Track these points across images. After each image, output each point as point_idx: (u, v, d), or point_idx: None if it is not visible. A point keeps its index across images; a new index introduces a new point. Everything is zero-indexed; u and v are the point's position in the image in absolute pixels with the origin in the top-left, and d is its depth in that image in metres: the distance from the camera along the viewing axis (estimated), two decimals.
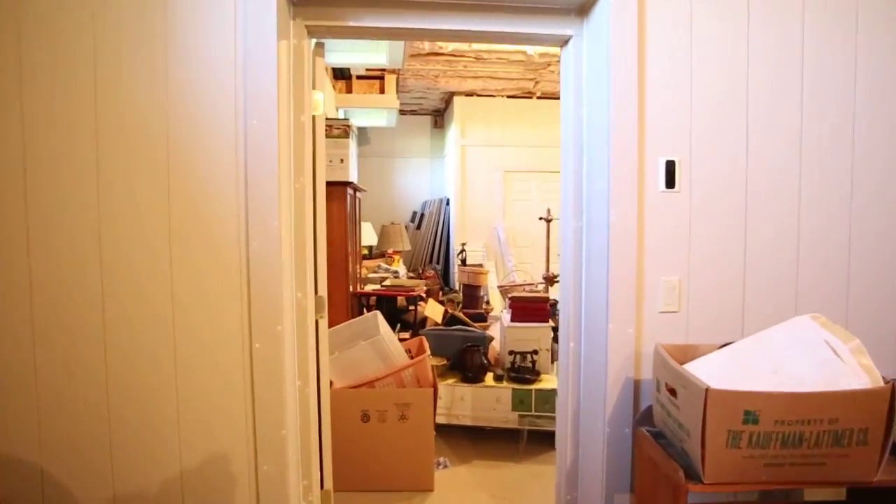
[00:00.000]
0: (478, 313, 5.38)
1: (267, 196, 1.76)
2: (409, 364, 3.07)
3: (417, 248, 8.63)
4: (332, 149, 3.34)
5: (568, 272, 2.19)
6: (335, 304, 3.48)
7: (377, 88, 6.90)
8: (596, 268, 2.03)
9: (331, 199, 3.38)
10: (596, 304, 2.03)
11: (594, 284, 2.04)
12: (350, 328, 3.06)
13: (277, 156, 1.77)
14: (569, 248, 2.18)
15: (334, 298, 3.48)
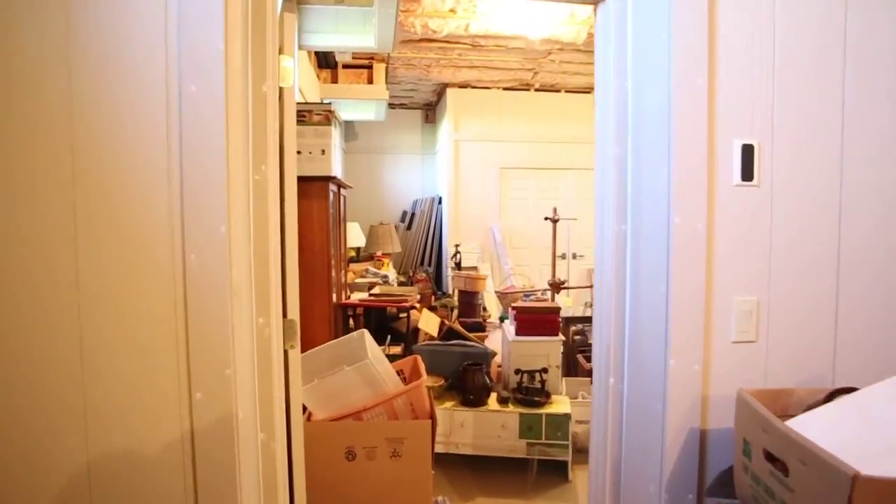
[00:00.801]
0: (476, 322, 4.92)
1: (210, 191, 1.28)
2: (402, 391, 2.60)
3: (408, 249, 8.16)
4: (311, 138, 2.86)
5: (605, 289, 1.73)
6: (316, 318, 3.01)
7: (365, 79, 6.41)
8: (649, 284, 1.56)
9: (309, 196, 2.90)
10: (649, 332, 1.57)
11: (646, 306, 1.57)
12: (332, 350, 2.58)
13: (225, 135, 1.28)
14: (607, 259, 1.71)
15: (314, 311, 3.00)
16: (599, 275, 1.78)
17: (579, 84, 7.34)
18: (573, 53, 5.98)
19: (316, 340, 3.01)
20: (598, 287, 1.79)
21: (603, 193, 1.74)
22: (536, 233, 7.68)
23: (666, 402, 1.49)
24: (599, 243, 1.77)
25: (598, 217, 1.77)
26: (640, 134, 1.61)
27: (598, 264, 1.78)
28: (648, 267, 1.57)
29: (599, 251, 1.77)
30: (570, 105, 7.64)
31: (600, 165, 1.76)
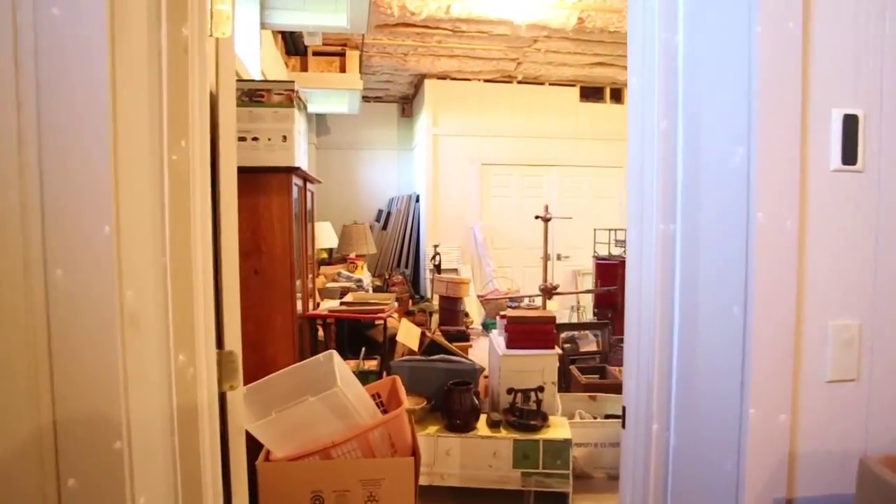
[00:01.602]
0: (459, 331, 4.51)
1: (87, 174, 0.84)
2: (378, 423, 2.17)
3: (384, 250, 7.71)
4: (270, 122, 2.42)
5: (645, 308, 1.33)
6: (277, 334, 2.56)
7: (337, 67, 5.96)
8: (712, 304, 1.17)
9: (268, 190, 2.46)
10: (712, 368, 1.17)
11: (708, 333, 1.18)
12: (294, 376, 2.14)
13: (110, 88, 0.84)
14: (647, 270, 1.31)
15: (275, 326, 2.56)
16: (635, 290, 1.37)
17: (564, 76, 6.98)
18: (560, 42, 5.60)
19: (277, 361, 2.56)
20: (633, 305, 1.39)
21: (640, 183, 1.34)
22: (520, 233, 7.31)
23: (742, 463, 1.10)
24: (635, 249, 1.37)
25: (634, 214, 1.37)
26: (697, 102, 1.21)
27: (634, 276, 1.38)
28: (711, 280, 1.17)
29: (635, 259, 1.37)
30: (555, 98, 7.27)
31: (636, 146, 1.35)
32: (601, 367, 4.24)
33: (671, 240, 1.27)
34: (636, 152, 1.36)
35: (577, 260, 7.35)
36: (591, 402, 3.65)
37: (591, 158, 7.42)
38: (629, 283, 1.42)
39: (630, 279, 1.41)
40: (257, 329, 2.54)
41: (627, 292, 1.43)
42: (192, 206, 1.08)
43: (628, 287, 1.42)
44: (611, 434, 3.23)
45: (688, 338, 1.24)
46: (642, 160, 1.33)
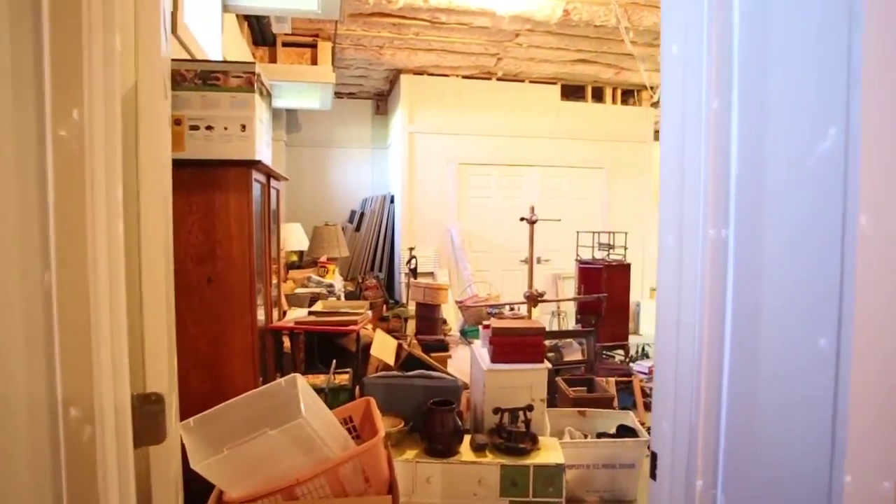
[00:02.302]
0: (437, 340, 4.22)
1: None
2: (349, 456, 1.88)
3: (357, 253, 7.39)
4: (227, 109, 2.11)
5: (685, 329, 1.07)
6: (234, 352, 2.25)
7: (308, 59, 5.63)
8: (784, 333, 0.90)
9: (224, 186, 2.14)
10: (784, 418, 0.91)
11: (779, 370, 0.91)
12: (251, 404, 1.83)
13: None
14: (693, 282, 1.05)
15: (231, 342, 2.25)
16: (670, 310, 1.11)
17: (545, 73, 6.75)
18: (543, 36, 5.36)
19: (234, 381, 2.25)
20: (668, 329, 1.12)
21: (680, 177, 1.07)
22: (499, 235, 7.06)
23: None
24: (671, 259, 1.10)
25: (671, 216, 1.10)
26: (761, 72, 0.94)
27: (669, 293, 1.11)
28: (783, 302, 0.91)
29: (671, 272, 1.10)
30: (535, 96, 7.04)
31: (674, 132, 1.09)
32: (588, 378, 4.00)
33: (723, 247, 1.01)
34: (674, 140, 1.09)
35: (557, 263, 7.13)
36: (581, 418, 3.40)
37: (572, 159, 7.21)
38: (661, 300, 1.15)
39: (663, 296, 1.14)
40: (211, 346, 2.22)
41: (659, 312, 1.16)
42: (88, 202, 0.77)
43: (660, 305, 1.16)
44: (604, 455, 2.98)
45: (745, 375, 0.98)
46: (683, 149, 1.07)
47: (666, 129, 1.12)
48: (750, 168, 0.98)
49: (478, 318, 5.19)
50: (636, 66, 6.16)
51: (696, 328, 1.05)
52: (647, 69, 6.35)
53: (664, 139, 1.13)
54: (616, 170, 7.37)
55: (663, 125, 1.14)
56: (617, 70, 6.52)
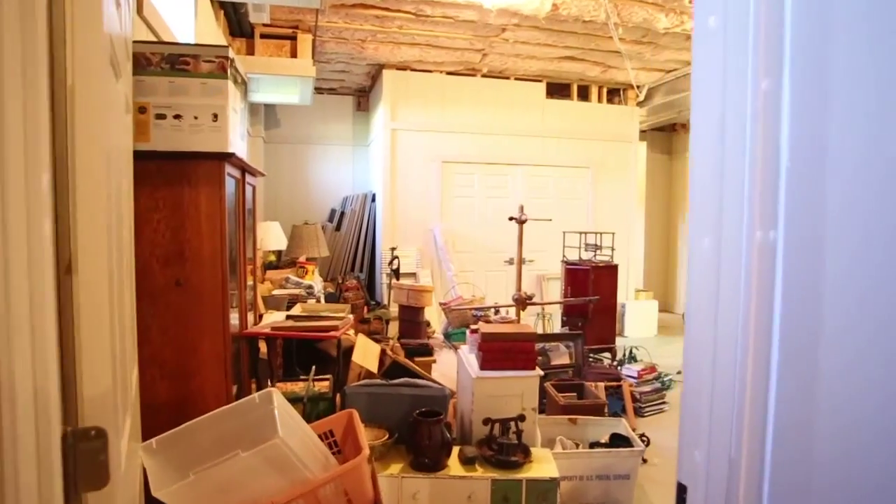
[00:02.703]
0: (421, 345, 4.06)
1: None
2: (331, 477, 1.72)
3: (337, 253, 7.19)
4: (197, 96, 1.93)
5: (723, 344, 0.93)
6: (204, 361, 2.07)
7: (288, 51, 5.43)
8: (850, 353, 0.77)
9: (194, 181, 1.97)
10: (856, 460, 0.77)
11: (849, 401, 0.77)
12: (222, 422, 1.65)
13: None
14: (734, 291, 0.90)
15: (201, 350, 2.07)
16: (704, 321, 0.97)
17: (531, 71, 6.63)
18: (531, 31, 5.23)
19: (205, 394, 2.07)
20: (700, 343, 0.98)
21: (719, 170, 0.93)
22: (483, 235, 6.92)
23: None
24: (707, 264, 0.96)
25: (706, 215, 0.96)
26: (819, 45, 0.80)
27: (702, 302, 0.97)
28: (846, 318, 0.77)
29: (706, 278, 0.96)
30: (520, 94, 6.91)
31: (711, 119, 0.94)
32: (578, 384, 3.87)
33: (770, 253, 0.87)
34: (712, 127, 0.95)
35: (541, 264, 7.01)
36: (572, 425, 3.27)
37: (558, 158, 7.09)
38: (693, 312, 1.01)
39: (696, 307, 1.00)
40: (179, 355, 2.03)
41: (690, 325, 1.02)
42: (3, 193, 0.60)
43: (691, 318, 1.01)
44: (597, 466, 2.84)
45: (799, 401, 0.84)
46: (723, 138, 0.92)
47: (700, 116, 0.98)
48: (804, 160, 0.84)
49: (462, 320, 5.04)
50: (623, 63, 6.07)
51: (738, 345, 0.90)
52: (634, 67, 6.27)
53: (697, 127, 0.99)
54: (602, 169, 7.28)
55: (696, 111, 0.99)
56: (604, 68, 6.42)
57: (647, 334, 7.20)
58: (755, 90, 0.87)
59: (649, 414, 4.30)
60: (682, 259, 8.90)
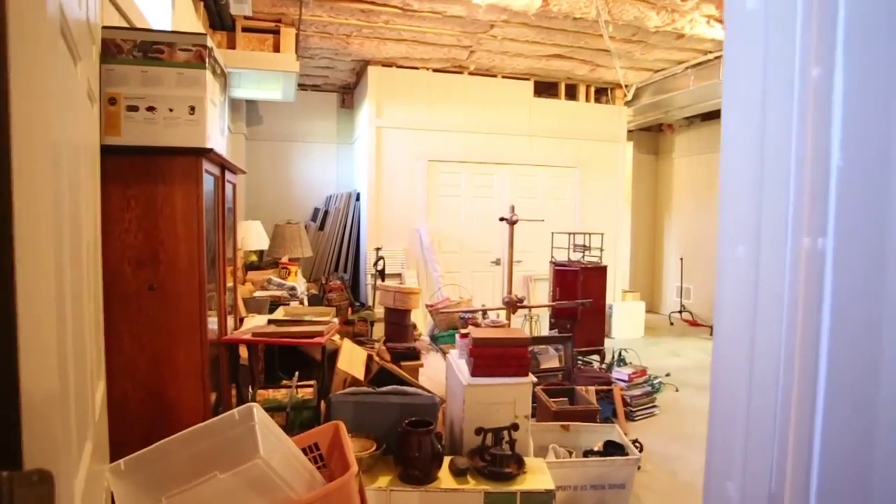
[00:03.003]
0: (408, 349, 3.94)
1: None
2: (316, 497, 1.59)
3: (320, 253, 7.05)
4: (172, 87, 1.80)
5: (761, 366, 0.83)
6: (180, 369, 1.95)
7: (270, 46, 5.28)
8: None
9: (169, 178, 1.84)
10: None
11: None
12: (198, 441, 1.53)
13: None
14: (777, 304, 0.81)
15: (177, 358, 1.94)
16: (736, 334, 0.87)
17: (518, 69, 6.54)
18: (520, 28, 5.14)
19: (180, 406, 1.93)
20: (732, 359, 0.88)
21: (758, 170, 0.83)
22: (469, 235, 6.82)
23: None
24: (741, 274, 0.86)
25: (740, 221, 0.86)
26: (884, 31, 0.71)
27: (734, 315, 0.87)
28: None
29: (738, 290, 0.86)
30: (507, 92, 6.82)
31: (749, 111, 0.84)
32: (569, 388, 3.78)
33: (819, 263, 0.77)
34: (749, 123, 0.85)
35: (528, 265, 6.92)
36: (564, 432, 3.18)
37: (545, 157, 7.02)
38: (723, 325, 0.91)
39: (727, 320, 0.90)
40: (153, 364, 1.90)
41: (719, 340, 0.92)
42: None
43: (721, 333, 0.92)
44: (592, 475, 2.75)
45: (851, 431, 0.74)
46: (762, 135, 0.82)
47: (734, 108, 0.88)
48: (860, 159, 0.74)
49: (450, 323, 4.93)
50: (612, 62, 6.01)
51: (781, 365, 0.80)
52: (622, 66, 6.21)
53: (729, 119, 0.89)
54: (589, 169, 7.21)
55: (728, 102, 0.89)
56: (592, 67, 6.35)
57: (634, 335, 7.15)
58: (804, 80, 0.77)
59: (640, 418, 4.23)
60: (667, 259, 8.88)
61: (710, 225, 7.97)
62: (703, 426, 3.47)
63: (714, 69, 5.89)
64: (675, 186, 8.76)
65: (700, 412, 4.50)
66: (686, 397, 4.85)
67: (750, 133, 0.85)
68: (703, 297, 8.09)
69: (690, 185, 8.44)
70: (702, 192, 8.15)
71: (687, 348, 6.68)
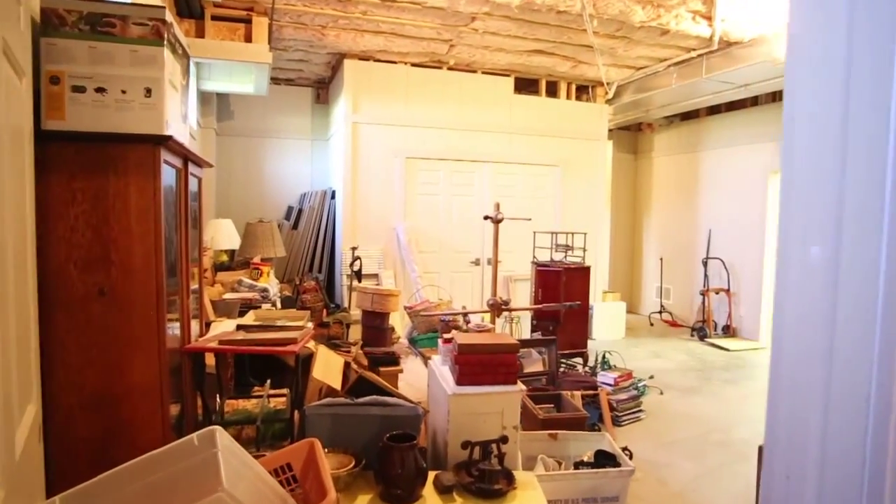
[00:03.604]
0: (387, 353, 3.76)
1: None
2: None
3: (294, 252, 6.81)
4: (125, 66, 1.60)
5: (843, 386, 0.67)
6: (134, 383, 1.74)
7: (242, 35, 5.05)
8: None
9: (121, 169, 1.63)
10: None
11: None
12: (152, 472, 1.32)
13: None
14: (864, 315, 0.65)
15: (131, 371, 1.74)
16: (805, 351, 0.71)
17: (499, 64, 6.39)
18: (502, 21, 4.98)
19: (134, 426, 1.73)
20: (800, 380, 0.72)
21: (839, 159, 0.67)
22: (448, 235, 6.65)
23: None
24: (814, 279, 0.70)
25: (809, 213, 0.71)
26: None
27: (803, 329, 0.72)
28: None
29: (809, 299, 0.71)
30: (487, 88, 6.67)
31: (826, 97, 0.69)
32: (555, 394, 3.64)
33: None
34: (828, 96, 0.69)
35: (508, 265, 6.77)
36: (552, 441, 3.03)
37: (525, 155, 6.88)
38: (784, 341, 0.75)
39: (792, 335, 0.74)
40: (103, 378, 1.69)
41: (777, 357, 0.76)
42: None
43: (780, 347, 0.76)
44: (584, 488, 2.61)
45: None
46: (845, 118, 0.67)
47: (803, 76, 0.72)
48: None
49: (429, 325, 4.75)
50: (594, 59, 5.89)
51: (869, 391, 0.65)
52: (605, 63, 6.10)
53: (796, 94, 0.73)
54: (570, 168, 7.10)
55: (794, 70, 0.73)
56: (574, 63, 6.23)
57: (615, 337, 7.07)
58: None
59: (626, 423, 4.10)
60: (647, 259, 8.83)
61: (689, 225, 7.93)
62: (689, 431, 3.37)
63: (697, 67, 5.81)
64: (654, 186, 8.72)
65: (686, 416, 4.40)
66: (671, 400, 4.75)
67: (826, 117, 0.69)
68: (682, 298, 8.05)
69: (670, 185, 8.39)
70: (682, 192, 8.11)
71: (668, 349, 6.61)
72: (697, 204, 7.84)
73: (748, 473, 3.26)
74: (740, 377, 5.56)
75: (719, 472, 3.46)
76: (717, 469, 3.51)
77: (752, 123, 7.02)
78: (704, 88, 6.21)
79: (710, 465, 3.56)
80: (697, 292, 7.54)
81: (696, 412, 4.51)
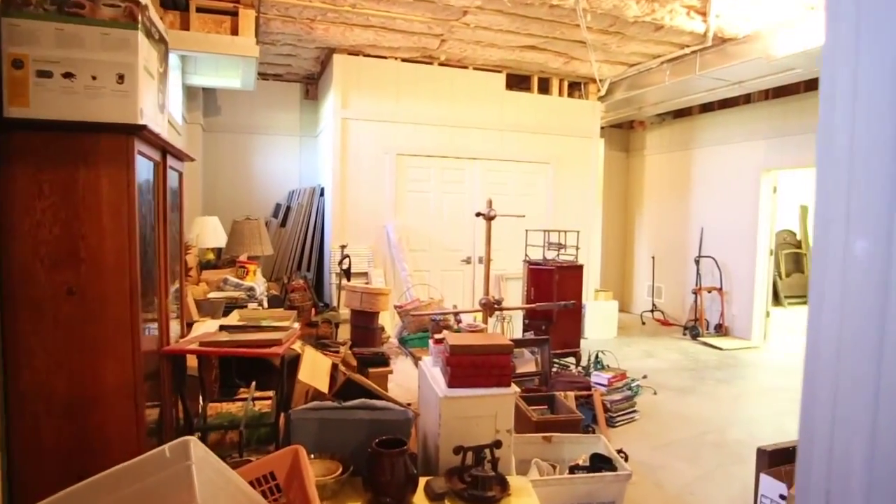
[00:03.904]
0: (376, 354, 3.66)
1: None
2: None
3: (282, 251, 6.69)
4: (96, 50, 1.50)
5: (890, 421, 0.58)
6: (107, 388, 1.64)
7: (228, 28, 4.91)
8: None
9: (91, 161, 1.53)
10: None
11: None
12: (120, 487, 1.20)
13: None
14: None
15: (103, 376, 1.64)
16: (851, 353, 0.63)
17: (491, 60, 6.30)
18: (494, 15, 4.89)
19: (106, 434, 1.62)
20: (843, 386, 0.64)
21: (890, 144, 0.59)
22: (438, 233, 6.56)
23: None
24: (858, 279, 0.62)
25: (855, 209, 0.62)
26: None
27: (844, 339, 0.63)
28: None
29: (855, 302, 0.62)
30: (479, 84, 6.58)
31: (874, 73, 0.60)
32: (549, 395, 3.56)
33: None
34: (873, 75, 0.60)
35: (499, 263, 6.67)
36: (546, 444, 2.95)
37: (517, 152, 6.80)
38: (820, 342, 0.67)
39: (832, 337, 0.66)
40: (73, 383, 1.58)
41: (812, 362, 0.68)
42: None
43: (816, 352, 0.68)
44: (580, 493, 2.53)
45: None
46: None
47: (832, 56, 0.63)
48: None
49: (420, 325, 4.67)
50: (587, 55, 5.82)
51: None
52: (597, 60, 6.03)
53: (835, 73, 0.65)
54: (562, 165, 7.03)
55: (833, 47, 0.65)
56: (566, 59, 6.15)
57: (607, 336, 7.01)
58: None
59: (620, 424, 4.03)
60: (638, 258, 8.78)
61: (681, 223, 7.89)
62: (684, 431, 3.29)
63: (690, 64, 5.76)
64: (646, 184, 8.67)
65: (680, 416, 4.34)
66: (665, 400, 4.69)
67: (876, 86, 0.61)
68: (674, 297, 8.01)
69: (662, 183, 8.34)
70: (674, 190, 8.07)
71: (660, 349, 6.56)
72: (689, 202, 7.80)
73: (745, 476, 3.20)
74: (733, 376, 5.52)
75: (715, 475, 3.40)
76: (713, 471, 3.44)
77: (744, 121, 6.98)
78: (698, 86, 6.16)
79: (706, 467, 3.49)
80: (689, 291, 7.50)
81: (690, 412, 4.45)
